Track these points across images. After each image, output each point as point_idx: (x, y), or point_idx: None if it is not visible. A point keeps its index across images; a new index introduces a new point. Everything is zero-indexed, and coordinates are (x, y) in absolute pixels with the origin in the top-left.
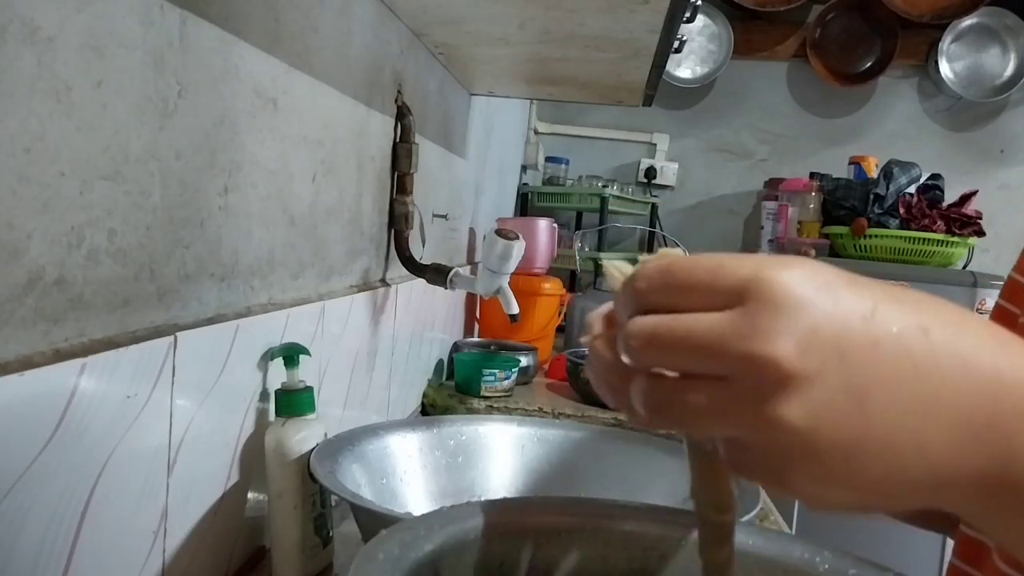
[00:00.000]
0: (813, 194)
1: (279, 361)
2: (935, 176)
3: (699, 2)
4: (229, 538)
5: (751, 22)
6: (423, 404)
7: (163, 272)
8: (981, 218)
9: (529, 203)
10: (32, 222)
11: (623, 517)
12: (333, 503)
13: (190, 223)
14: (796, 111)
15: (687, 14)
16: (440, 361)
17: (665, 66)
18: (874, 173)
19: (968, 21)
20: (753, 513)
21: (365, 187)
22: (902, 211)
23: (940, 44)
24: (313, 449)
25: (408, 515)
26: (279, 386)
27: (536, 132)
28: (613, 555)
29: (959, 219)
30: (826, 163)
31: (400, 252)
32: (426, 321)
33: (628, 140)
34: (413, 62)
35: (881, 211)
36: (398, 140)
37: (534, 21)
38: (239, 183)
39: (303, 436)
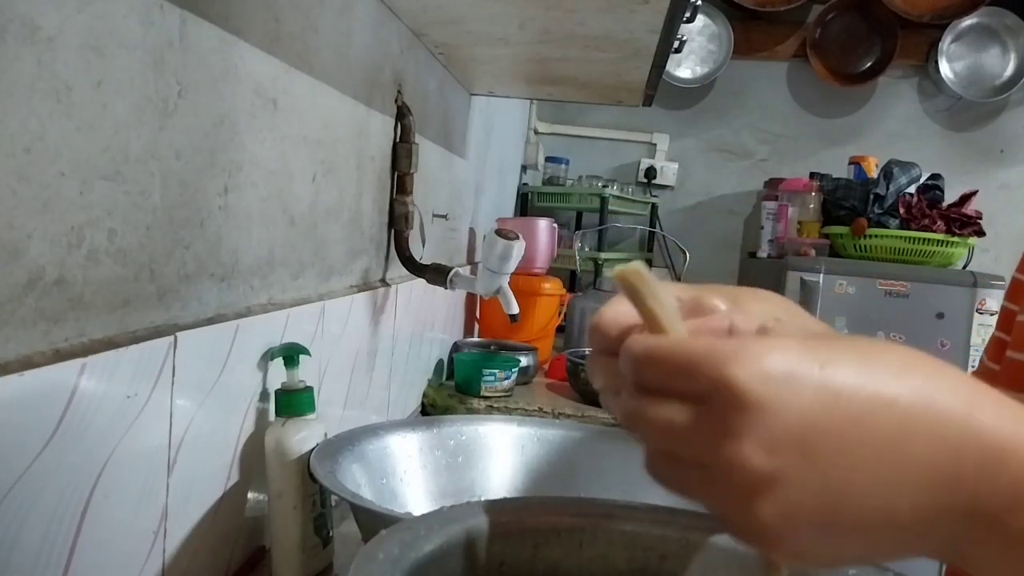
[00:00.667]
0: (813, 194)
1: (279, 361)
2: (935, 176)
3: (699, 2)
4: (229, 538)
5: (751, 22)
6: (423, 404)
7: (163, 272)
8: (981, 218)
9: (529, 203)
10: (32, 222)
11: (623, 517)
12: (333, 503)
13: (190, 223)
14: (796, 111)
15: (687, 14)
16: (440, 361)
17: (665, 66)
18: (874, 173)
19: (968, 21)
20: None
21: (365, 187)
22: (902, 211)
23: (940, 44)
24: (313, 449)
25: (408, 515)
26: (279, 386)
27: (536, 132)
28: (613, 555)
29: (959, 219)
30: (826, 163)
31: (400, 252)
32: (426, 321)
33: (628, 140)
34: (413, 62)
35: (881, 211)
36: (398, 140)
37: (534, 21)
38: (239, 183)
39: (303, 436)
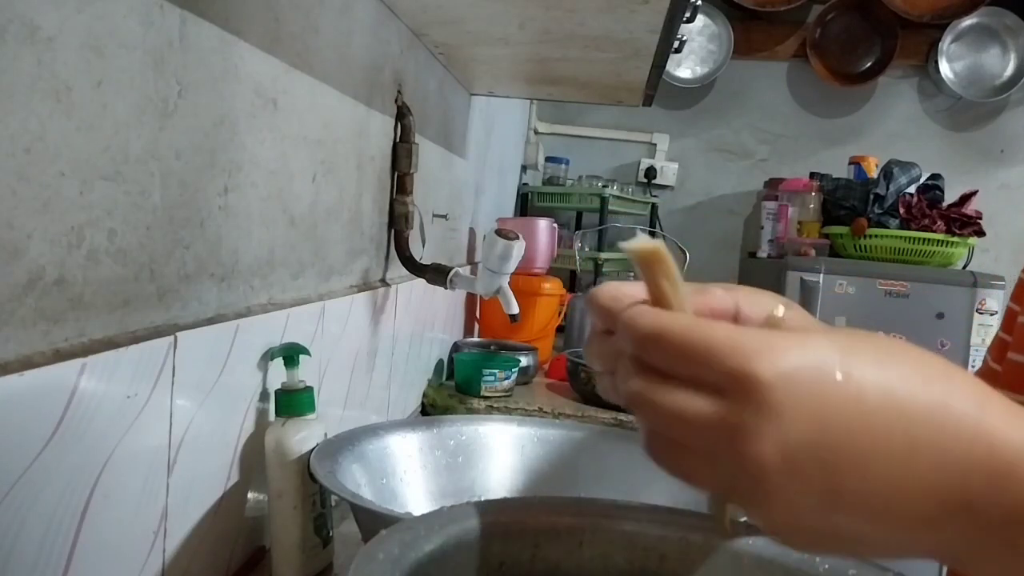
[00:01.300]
0: (813, 194)
1: (279, 361)
2: (935, 176)
3: (699, 2)
4: (229, 538)
5: (751, 22)
6: (423, 404)
7: (163, 272)
8: (981, 218)
9: (529, 203)
10: (32, 222)
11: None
12: (333, 503)
13: (190, 223)
14: (796, 111)
15: (687, 14)
16: (440, 361)
17: (665, 66)
18: (874, 173)
19: (968, 21)
20: None
21: (365, 187)
22: (902, 211)
23: (940, 44)
24: (313, 449)
25: (408, 515)
26: (279, 386)
27: (536, 132)
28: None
29: (959, 219)
30: (826, 163)
31: (400, 252)
32: (426, 321)
33: (628, 140)
34: (413, 62)
35: (881, 211)
36: (398, 140)
37: (534, 21)
38: (239, 183)
39: (303, 436)
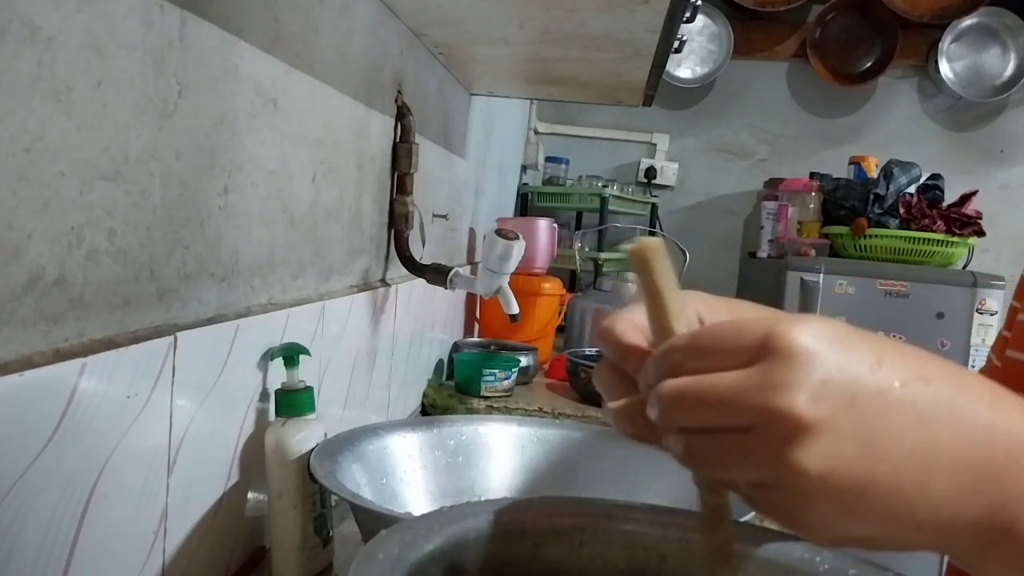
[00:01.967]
0: (813, 194)
1: (279, 361)
2: (935, 176)
3: (699, 2)
4: (229, 538)
5: (751, 22)
6: (423, 404)
7: (163, 272)
8: (981, 218)
9: (529, 203)
10: (32, 222)
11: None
12: (333, 503)
13: (190, 223)
14: (796, 111)
15: (687, 14)
16: (440, 361)
17: (665, 66)
18: (874, 173)
19: (968, 21)
20: (753, 513)
21: (365, 187)
22: (902, 211)
23: (940, 44)
24: (313, 449)
25: (408, 515)
26: (279, 386)
27: (536, 132)
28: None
29: (959, 219)
30: (826, 163)
31: (400, 252)
32: (426, 321)
33: (628, 140)
34: (413, 62)
35: (881, 211)
36: (398, 140)
37: (534, 21)
38: (239, 183)
39: (303, 436)
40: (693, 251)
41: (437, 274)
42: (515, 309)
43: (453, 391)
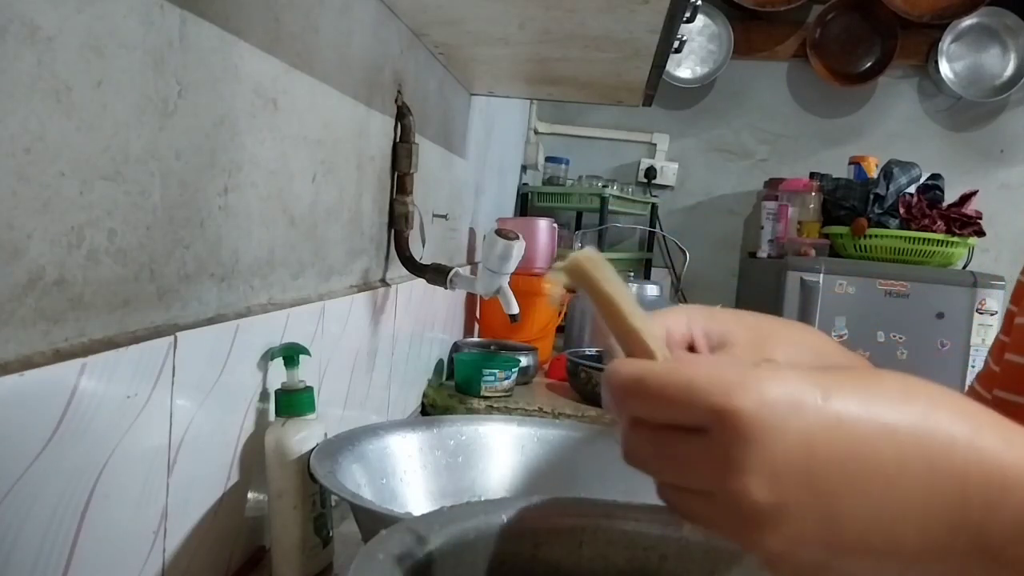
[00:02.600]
0: (813, 194)
1: (279, 361)
2: (935, 176)
3: (699, 2)
4: (229, 538)
5: (751, 22)
6: (423, 404)
7: (163, 272)
8: (981, 218)
9: (529, 203)
10: (32, 222)
11: (623, 517)
12: (333, 503)
13: (190, 223)
14: (796, 111)
15: (687, 14)
16: (440, 361)
17: (665, 66)
18: (874, 173)
19: (968, 21)
20: None
21: (365, 187)
22: (902, 211)
23: (940, 44)
24: (313, 449)
25: (408, 515)
26: (279, 386)
27: (536, 132)
28: (613, 555)
29: (959, 219)
30: (826, 163)
31: (400, 252)
32: (426, 321)
33: (628, 140)
34: (413, 62)
35: (881, 211)
36: (398, 140)
37: (534, 21)
38: (239, 183)
39: (303, 436)
40: (693, 251)
41: (437, 274)
42: (515, 309)
43: (453, 391)
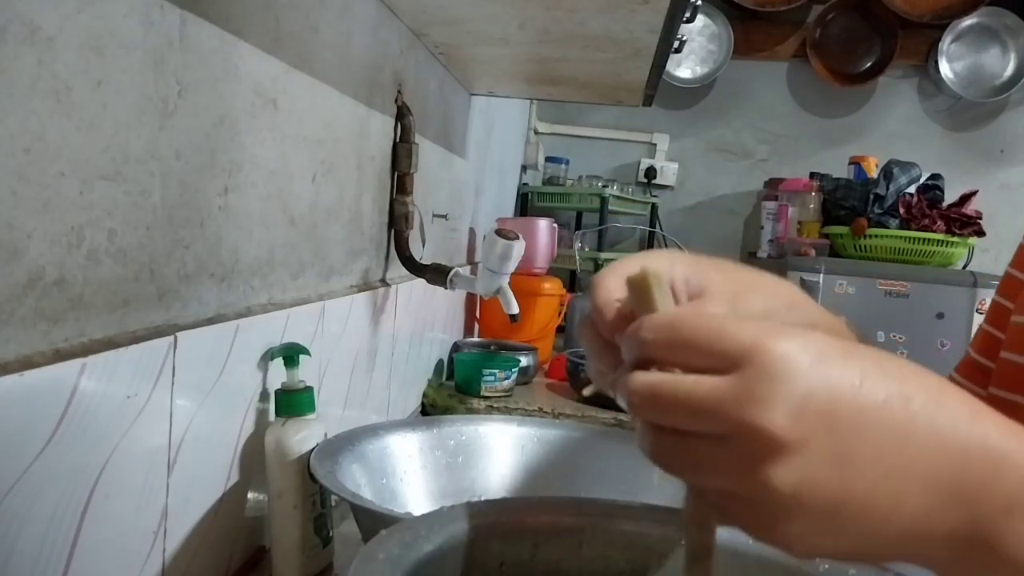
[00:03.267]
0: (813, 194)
1: (279, 361)
2: (935, 176)
3: (699, 2)
4: (229, 538)
5: (751, 22)
6: (423, 404)
7: (163, 272)
8: (981, 218)
9: (529, 203)
10: (32, 222)
11: (623, 517)
12: (333, 503)
13: (190, 223)
14: (796, 111)
15: (687, 14)
16: (440, 361)
17: (665, 66)
18: (874, 173)
19: (968, 21)
20: None
21: (365, 187)
22: (902, 211)
23: (940, 44)
24: (313, 449)
25: (408, 515)
26: (279, 386)
27: (536, 132)
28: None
29: (959, 219)
30: (826, 163)
31: (400, 252)
32: (426, 321)
33: (628, 140)
34: (413, 62)
35: (881, 211)
36: (398, 140)
37: (534, 21)
38: (239, 183)
39: (303, 436)
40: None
41: (437, 274)
42: (515, 309)
43: (453, 391)
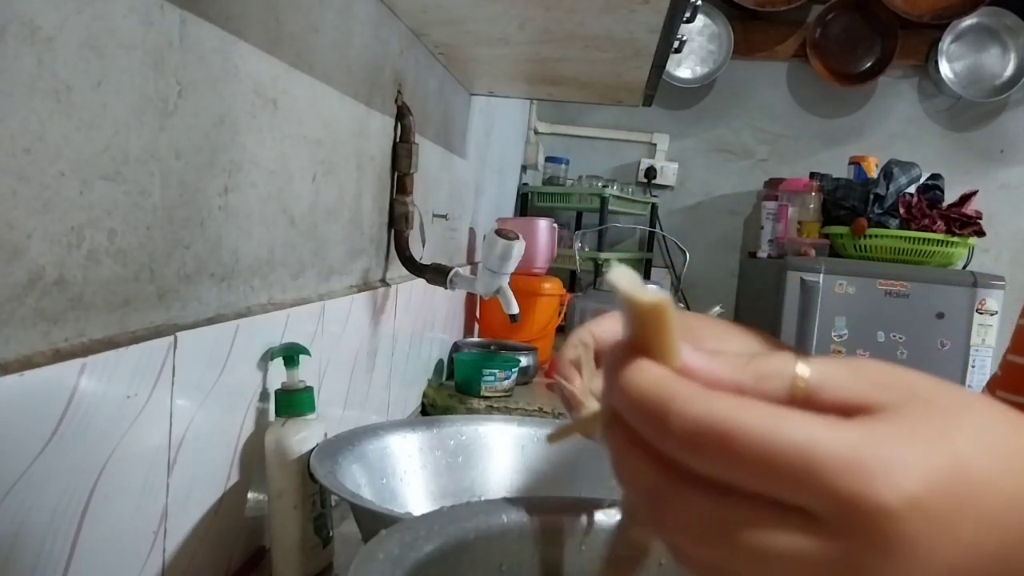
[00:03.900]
0: (813, 194)
1: (279, 361)
2: (935, 176)
3: (699, 2)
4: (229, 538)
5: (751, 22)
6: (423, 404)
7: (163, 272)
8: (981, 218)
9: (529, 203)
10: (32, 222)
11: None
12: (333, 503)
13: (190, 223)
14: (796, 111)
15: (687, 14)
16: (440, 361)
17: (665, 66)
18: (874, 173)
19: (968, 21)
20: None
21: (365, 187)
22: (902, 211)
23: (940, 44)
24: (313, 449)
25: (408, 515)
26: (279, 386)
27: (536, 132)
28: None
29: (959, 219)
30: (826, 163)
31: (400, 252)
32: (426, 321)
33: (628, 140)
34: (413, 62)
35: (881, 211)
36: (398, 140)
37: (534, 21)
38: (239, 183)
39: (303, 436)
40: (693, 251)
41: (437, 274)
42: (515, 309)
43: (453, 391)
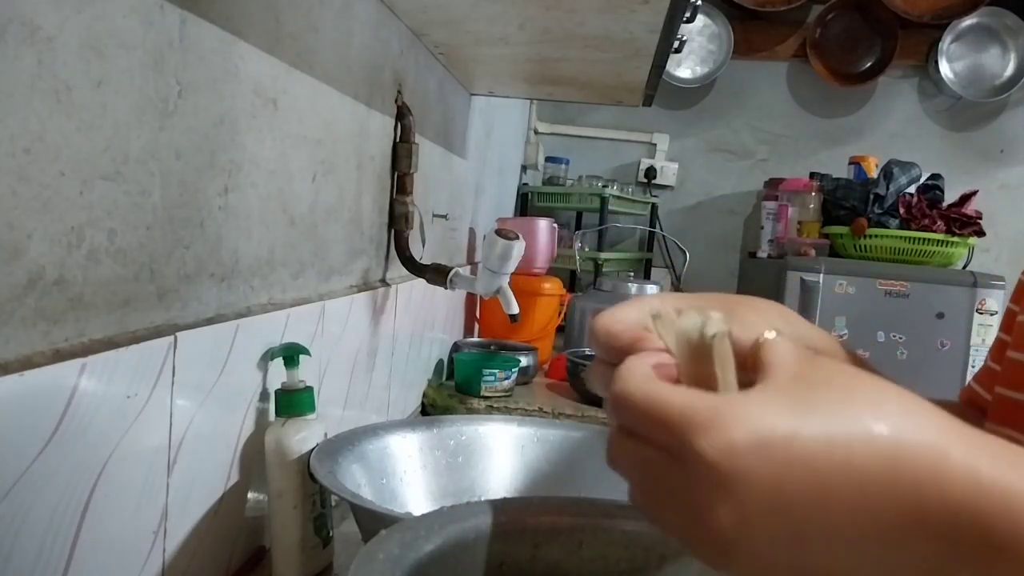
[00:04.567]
0: (813, 194)
1: (279, 361)
2: (935, 176)
3: (699, 2)
4: (229, 538)
5: (751, 22)
6: (423, 404)
7: (163, 272)
8: (981, 218)
9: (529, 203)
10: (32, 222)
11: (623, 517)
12: (333, 503)
13: (190, 223)
14: (796, 111)
15: (687, 14)
16: (440, 361)
17: (665, 66)
18: (874, 173)
19: (968, 21)
20: None
21: (365, 187)
22: (902, 211)
23: (940, 44)
24: (313, 449)
25: (408, 515)
26: (279, 386)
27: (536, 132)
28: (613, 555)
29: (959, 219)
30: (826, 163)
31: (400, 252)
32: (426, 321)
33: (628, 140)
34: (413, 62)
35: (881, 211)
36: (398, 140)
37: (534, 21)
38: (239, 183)
39: (303, 436)
40: (693, 251)
41: (437, 274)
42: (515, 309)
43: (453, 391)
